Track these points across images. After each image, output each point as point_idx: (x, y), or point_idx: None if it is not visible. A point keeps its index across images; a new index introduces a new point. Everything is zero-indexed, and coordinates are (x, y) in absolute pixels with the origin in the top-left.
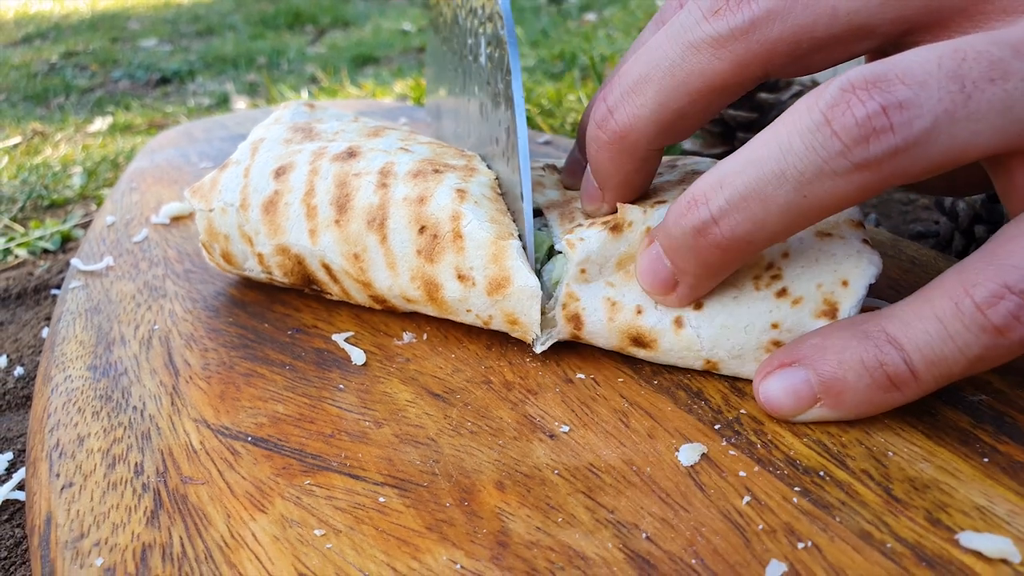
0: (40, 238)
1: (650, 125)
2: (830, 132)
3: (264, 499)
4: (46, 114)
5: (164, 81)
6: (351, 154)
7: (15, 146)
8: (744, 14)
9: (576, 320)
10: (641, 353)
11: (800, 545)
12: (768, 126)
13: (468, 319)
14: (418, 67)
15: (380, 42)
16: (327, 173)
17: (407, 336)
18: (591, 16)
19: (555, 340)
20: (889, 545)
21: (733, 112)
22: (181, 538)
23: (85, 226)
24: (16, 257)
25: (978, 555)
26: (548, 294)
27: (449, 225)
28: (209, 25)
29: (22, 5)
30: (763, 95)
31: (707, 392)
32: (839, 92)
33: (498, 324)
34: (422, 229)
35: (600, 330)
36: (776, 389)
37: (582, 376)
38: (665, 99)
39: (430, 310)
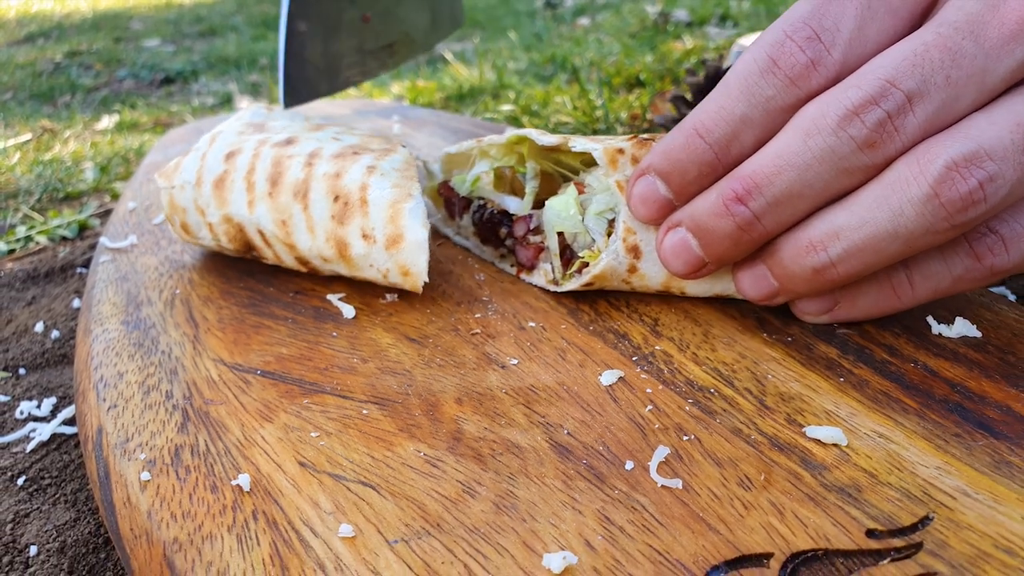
0: (58, 226)
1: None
2: (938, 203)
3: (271, 413)
4: (53, 112)
5: (168, 81)
6: (289, 141)
7: (26, 143)
8: (897, 143)
9: (635, 251)
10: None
11: (685, 438)
12: (873, 184)
13: (371, 274)
14: (415, 68)
15: None
16: (266, 156)
17: (389, 296)
18: (584, 20)
19: (602, 268)
20: (753, 437)
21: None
22: (205, 440)
23: (100, 215)
24: (37, 244)
25: (817, 442)
26: (593, 230)
27: (358, 194)
28: (211, 26)
29: (23, 4)
30: None
31: (631, 335)
32: (944, 170)
33: (394, 277)
34: (336, 198)
35: (654, 259)
36: None
37: (533, 324)
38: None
39: (343, 268)
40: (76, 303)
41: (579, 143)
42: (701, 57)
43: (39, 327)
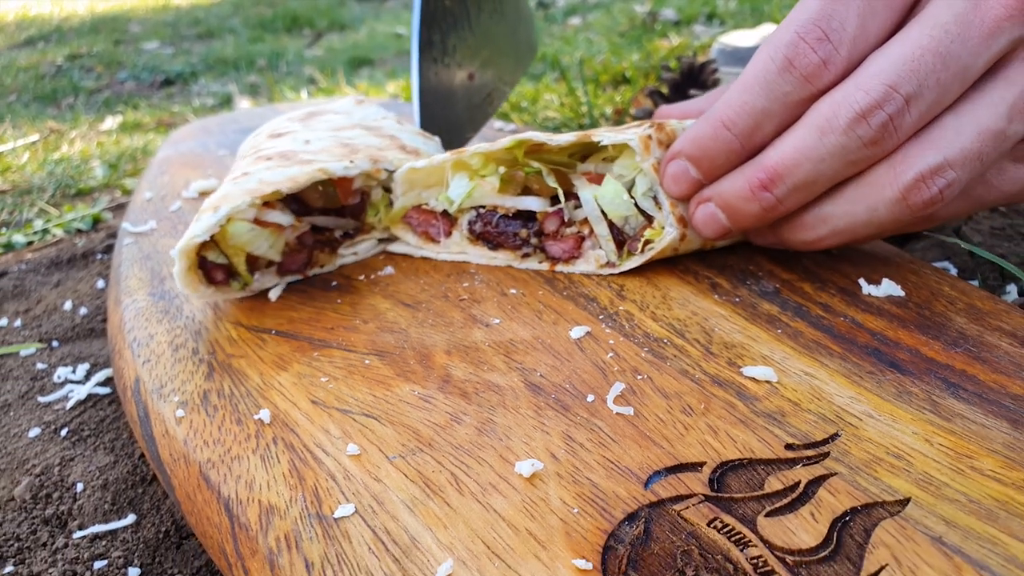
0: (73, 220)
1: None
2: (906, 205)
3: (285, 364)
4: (58, 113)
5: (168, 82)
6: (279, 134)
7: (34, 143)
8: (894, 140)
9: (683, 221)
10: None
11: (639, 377)
12: (857, 182)
13: None
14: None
15: (375, 45)
16: (249, 143)
17: (388, 269)
18: (575, 20)
19: (668, 241)
20: (697, 376)
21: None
22: (229, 386)
23: (112, 209)
24: (53, 236)
25: (752, 379)
26: (647, 209)
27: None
28: (209, 28)
29: (21, 7)
30: (693, 92)
31: (599, 298)
32: (913, 181)
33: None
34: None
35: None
36: None
37: (514, 291)
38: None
39: None
40: (100, 284)
41: (607, 136)
42: (678, 55)
43: (67, 305)
